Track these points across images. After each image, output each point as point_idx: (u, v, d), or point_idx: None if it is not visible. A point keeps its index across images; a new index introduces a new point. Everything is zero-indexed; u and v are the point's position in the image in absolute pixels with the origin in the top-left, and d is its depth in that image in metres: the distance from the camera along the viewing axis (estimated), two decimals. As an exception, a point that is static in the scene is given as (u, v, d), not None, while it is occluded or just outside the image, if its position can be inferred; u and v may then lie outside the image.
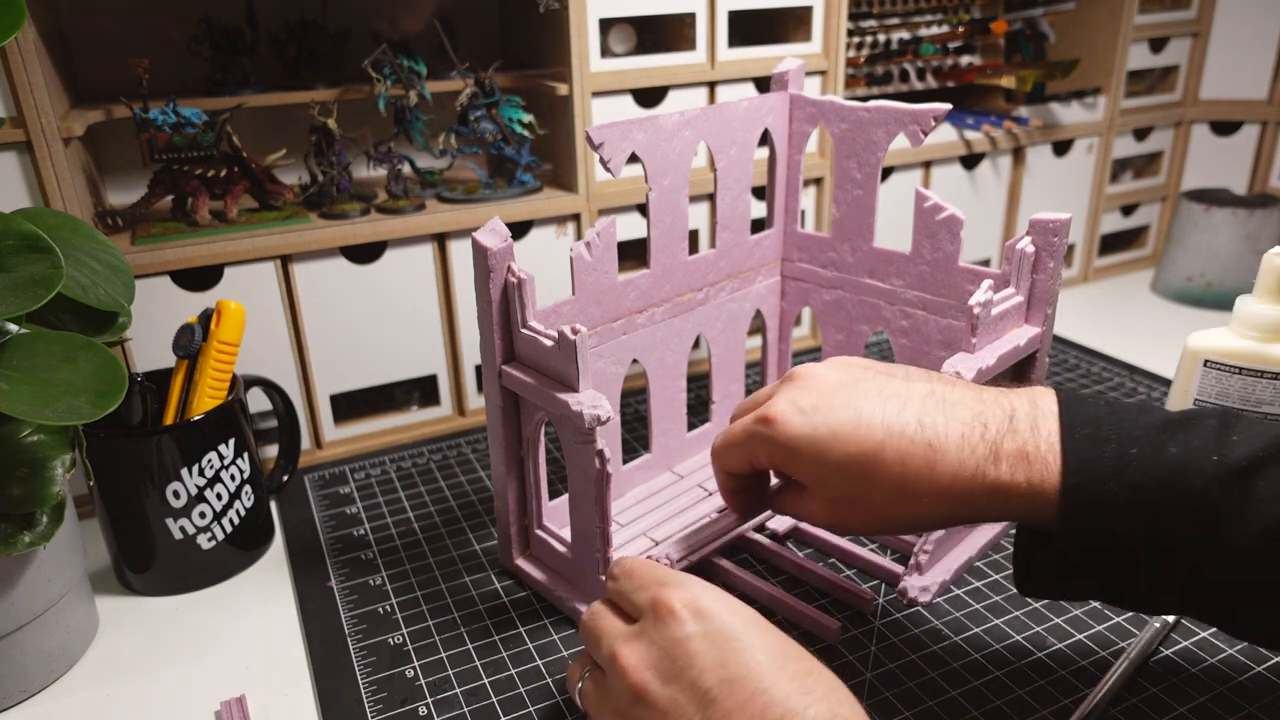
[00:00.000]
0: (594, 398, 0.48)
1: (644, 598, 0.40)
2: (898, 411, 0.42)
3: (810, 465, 0.43)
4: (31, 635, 0.50)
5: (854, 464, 0.41)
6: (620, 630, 0.41)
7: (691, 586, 0.40)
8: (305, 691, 0.51)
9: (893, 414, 0.41)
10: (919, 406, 0.42)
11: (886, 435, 0.41)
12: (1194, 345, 0.57)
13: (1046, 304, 0.55)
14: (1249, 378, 0.55)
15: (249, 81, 0.71)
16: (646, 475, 0.67)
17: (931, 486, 0.40)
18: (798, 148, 0.68)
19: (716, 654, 0.37)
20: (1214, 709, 0.47)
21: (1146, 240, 1.12)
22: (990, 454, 0.40)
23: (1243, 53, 1.02)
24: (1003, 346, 0.53)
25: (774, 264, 0.71)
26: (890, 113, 0.61)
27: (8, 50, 0.56)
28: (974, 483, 0.40)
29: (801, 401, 0.43)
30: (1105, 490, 0.38)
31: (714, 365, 0.69)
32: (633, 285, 0.60)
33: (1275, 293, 0.55)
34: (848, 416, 0.42)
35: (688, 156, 0.60)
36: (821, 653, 0.52)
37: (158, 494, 0.56)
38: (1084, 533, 0.39)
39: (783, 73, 0.66)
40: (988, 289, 0.51)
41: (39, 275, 0.45)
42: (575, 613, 0.54)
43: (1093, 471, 0.38)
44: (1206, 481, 0.37)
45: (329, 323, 0.70)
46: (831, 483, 0.43)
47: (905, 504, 0.41)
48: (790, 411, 0.43)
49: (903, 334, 0.64)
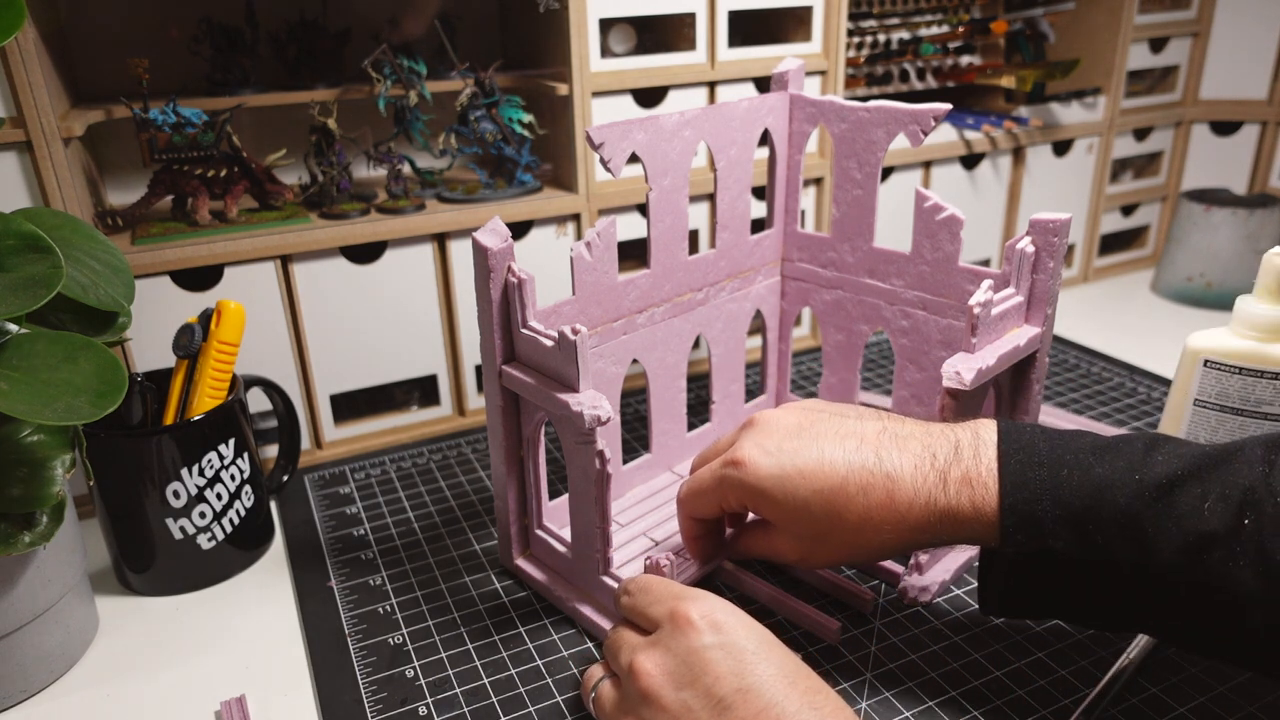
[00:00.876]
0: (594, 398, 0.48)
1: (661, 610, 0.43)
2: (856, 448, 0.45)
3: (779, 503, 0.46)
4: (31, 635, 0.50)
5: (821, 498, 0.44)
6: (638, 640, 0.43)
7: (708, 600, 0.42)
8: (305, 691, 0.51)
9: (851, 451, 0.45)
10: (874, 442, 0.45)
11: (848, 470, 0.44)
12: (1194, 345, 0.57)
13: (1046, 304, 0.55)
14: (1249, 377, 0.55)
15: (249, 81, 0.71)
16: (646, 475, 0.67)
17: (892, 515, 0.43)
18: (798, 147, 0.68)
19: (732, 664, 0.39)
20: (1214, 709, 0.47)
21: (1146, 240, 1.13)
22: (940, 481, 0.43)
23: (1243, 53, 1.02)
24: (1003, 346, 0.52)
25: (774, 264, 0.71)
26: (890, 113, 0.61)
27: (8, 50, 0.56)
28: (928, 509, 0.43)
29: (766, 444, 0.46)
30: (1039, 509, 0.41)
31: (714, 365, 0.69)
32: (633, 285, 0.60)
33: (1275, 292, 0.55)
34: (811, 455, 0.45)
35: (688, 156, 0.60)
36: (822, 653, 0.52)
37: (158, 494, 0.56)
38: (1023, 550, 0.42)
39: (783, 73, 0.66)
40: (988, 289, 0.51)
41: (39, 275, 0.45)
42: (575, 612, 0.54)
43: (1027, 492, 0.41)
44: (1129, 498, 0.40)
45: (329, 323, 0.70)
46: (800, 518, 0.46)
47: (869, 533, 0.44)
48: (757, 454, 0.46)
49: (903, 334, 0.64)
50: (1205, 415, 0.58)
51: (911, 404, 0.65)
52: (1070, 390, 0.82)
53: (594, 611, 0.54)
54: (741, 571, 0.57)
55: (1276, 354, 0.55)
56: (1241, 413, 0.56)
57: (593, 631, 0.54)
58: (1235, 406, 0.56)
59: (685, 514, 0.52)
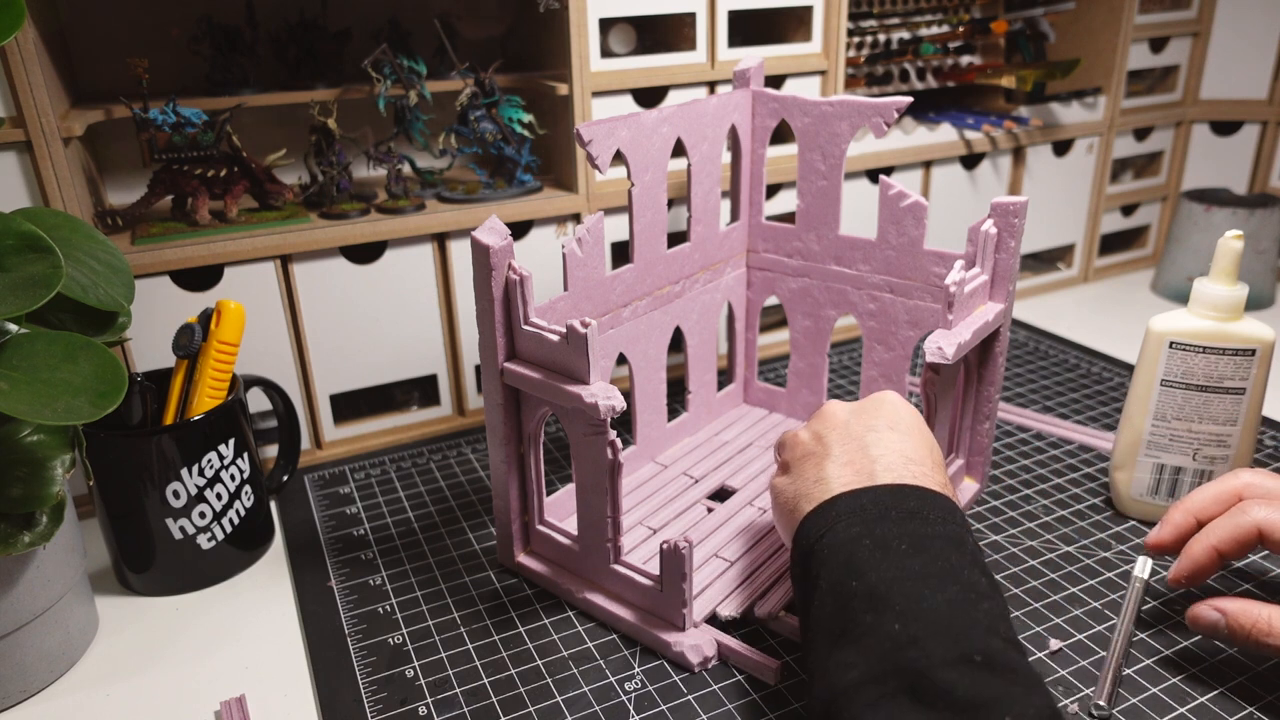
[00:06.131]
0: (606, 389, 0.48)
1: (806, 429, 0.52)
2: None
3: None
4: (31, 635, 0.50)
5: None
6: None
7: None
8: (305, 691, 0.51)
9: None
10: None
11: None
12: (1157, 328, 0.60)
13: (1008, 281, 0.59)
14: (1212, 355, 0.58)
15: (249, 81, 0.71)
16: (632, 467, 0.68)
17: None
18: (761, 142, 0.70)
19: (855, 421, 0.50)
20: (1214, 709, 0.47)
21: (1147, 240, 1.12)
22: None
23: (1243, 53, 1.02)
24: (975, 322, 0.56)
25: (740, 255, 0.73)
26: (854, 106, 0.63)
27: (8, 50, 0.56)
28: None
29: None
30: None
31: (690, 355, 0.71)
32: (619, 279, 0.61)
33: (1230, 274, 0.58)
34: None
35: (666, 152, 0.62)
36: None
37: (158, 494, 0.56)
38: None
39: (744, 70, 0.68)
40: (960, 269, 0.54)
41: (39, 275, 0.45)
42: (587, 603, 0.55)
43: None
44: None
45: (329, 323, 0.70)
46: None
47: None
48: None
49: (870, 316, 0.67)
50: (1171, 394, 0.60)
51: (880, 382, 0.68)
52: (1070, 390, 0.82)
53: (606, 600, 0.54)
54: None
55: (1236, 331, 0.58)
56: (1206, 389, 0.59)
57: (605, 621, 0.54)
58: (1200, 384, 0.59)
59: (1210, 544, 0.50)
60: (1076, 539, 0.61)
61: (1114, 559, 0.59)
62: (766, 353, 0.89)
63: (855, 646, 0.38)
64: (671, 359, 0.71)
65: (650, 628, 0.52)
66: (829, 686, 0.38)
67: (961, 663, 0.35)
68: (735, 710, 0.48)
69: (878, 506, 0.44)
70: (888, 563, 0.40)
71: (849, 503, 0.44)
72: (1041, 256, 1.08)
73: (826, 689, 0.38)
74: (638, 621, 0.52)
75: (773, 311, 0.91)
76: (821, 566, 0.42)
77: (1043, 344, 0.91)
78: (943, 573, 0.40)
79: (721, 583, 0.56)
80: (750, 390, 0.79)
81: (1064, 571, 0.58)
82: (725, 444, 0.72)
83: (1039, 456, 0.71)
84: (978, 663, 0.35)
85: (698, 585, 0.55)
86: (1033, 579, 0.57)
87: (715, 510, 0.63)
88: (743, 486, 0.66)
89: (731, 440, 0.73)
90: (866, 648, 0.37)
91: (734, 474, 0.68)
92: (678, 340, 0.69)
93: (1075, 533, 0.62)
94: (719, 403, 0.76)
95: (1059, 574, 0.58)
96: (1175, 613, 0.54)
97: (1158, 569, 0.57)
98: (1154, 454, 0.61)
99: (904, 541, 0.41)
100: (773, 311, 0.91)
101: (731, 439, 0.73)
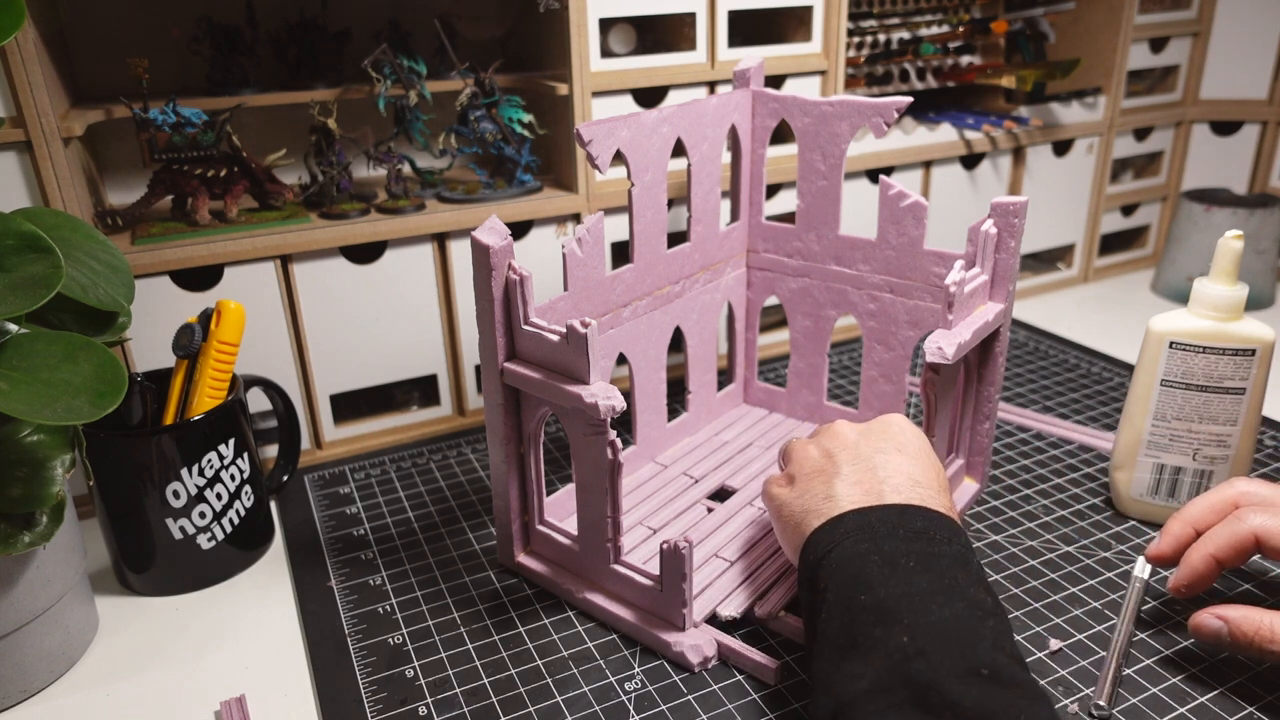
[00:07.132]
0: (606, 389, 0.48)
1: (814, 445, 0.53)
2: None
3: None
4: (31, 635, 0.50)
5: None
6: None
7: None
8: (305, 691, 0.51)
9: None
10: None
11: None
12: (1157, 328, 0.60)
13: (1008, 281, 0.59)
14: (1212, 355, 0.58)
15: (249, 81, 0.71)
16: (632, 467, 0.68)
17: None
18: (761, 142, 0.70)
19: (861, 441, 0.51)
20: (1214, 709, 0.47)
21: (1147, 240, 1.12)
22: None
23: (1243, 53, 1.02)
24: (975, 322, 0.56)
25: (740, 255, 0.73)
26: (854, 106, 0.63)
27: (8, 50, 0.56)
28: None
29: None
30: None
31: (690, 355, 0.71)
32: (619, 279, 0.61)
33: (1230, 274, 0.58)
34: None
35: (666, 152, 0.62)
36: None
37: (158, 494, 0.56)
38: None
39: (744, 70, 0.68)
40: (960, 269, 0.54)
41: (39, 275, 0.45)
42: (587, 603, 0.55)
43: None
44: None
45: (329, 323, 0.70)
46: None
47: None
48: None
49: (870, 316, 0.67)
50: (1171, 394, 0.60)
51: (880, 382, 0.68)
52: (1070, 390, 0.82)
53: (606, 600, 0.54)
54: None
55: (1236, 331, 0.58)
56: (1206, 389, 0.59)
57: (605, 621, 0.54)
58: (1200, 384, 0.59)
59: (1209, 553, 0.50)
60: (1076, 539, 0.61)
61: (1114, 559, 0.59)
62: (766, 353, 0.89)
63: (863, 658, 0.38)
64: (671, 359, 0.71)
65: (650, 628, 0.52)
66: (836, 696, 0.38)
67: (969, 675, 0.36)
68: (735, 710, 0.48)
69: (885, 524, 0.44)
70: (896, 578, 0.41)
71: (857, 520, 0.45)
72: (1041, 256, 1.08)
73: (834, 699, 0.38)
74: (638, 621, 0.52)
75: (773, 311, 0.91)
76: (829, 580, 0.43)
77: (1043, 344, 0.91)
78: (950, 589, 0.40)
79: (721, 583, 0.56)
80: (750, 390, 0.79)
81: (1064, 571, 0.58)
82: (725, 444, 0.72)
83: (1039, 456, 0.71)
84: (984, 676, 0.36)
85: (698, 585, 0.55)
86: (1033, 579, 0.57)
87: (715, 510, 0.63)
88: (743, 486, 0.66)
89: (731, 440, 0.73)
90: (875, 659, 0.38)
91: (734, 474, 0.68)
92: (678, 340, 0.70)
93: (1075, 533, 0.62)
94: (719, 403, 0.76)
95: (1059, 574, 0.58)
96: (1175, 613, 0.54)
97: (1157, 569, 0.57)
98: (1154, 454, 0.61)
99: (911, 559, 0.42)
100: (773, 311, 0.91)
101: (731, 439, 0.73)
